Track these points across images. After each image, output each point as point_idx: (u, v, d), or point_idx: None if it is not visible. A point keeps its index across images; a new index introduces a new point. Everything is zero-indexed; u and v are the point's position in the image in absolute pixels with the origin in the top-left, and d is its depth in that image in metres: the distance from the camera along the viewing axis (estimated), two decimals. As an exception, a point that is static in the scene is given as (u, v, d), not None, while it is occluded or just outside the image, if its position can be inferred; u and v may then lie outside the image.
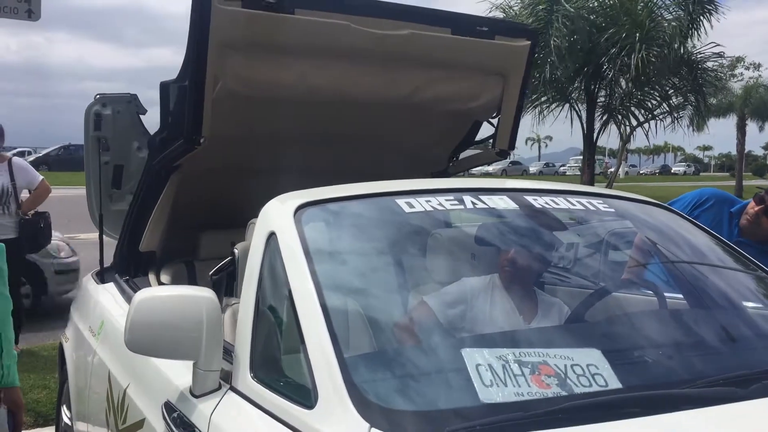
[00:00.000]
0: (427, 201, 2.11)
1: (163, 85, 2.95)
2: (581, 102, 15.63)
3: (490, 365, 1.54)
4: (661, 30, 14.30)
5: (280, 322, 1.80)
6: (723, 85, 18.20)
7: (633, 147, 30.18)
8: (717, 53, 15.26)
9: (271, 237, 1.94)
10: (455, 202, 2.15)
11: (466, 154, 3.94)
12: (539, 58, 13.02)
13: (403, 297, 2.12)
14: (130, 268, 3.30)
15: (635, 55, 13.51)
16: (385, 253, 2.11)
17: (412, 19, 3.04)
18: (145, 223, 3.19)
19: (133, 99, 3.77)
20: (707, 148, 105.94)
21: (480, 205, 2.15)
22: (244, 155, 3.18)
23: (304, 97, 3.00)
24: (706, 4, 14.69)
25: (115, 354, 2.60)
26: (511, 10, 15.17)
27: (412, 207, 2.07)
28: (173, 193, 3.11)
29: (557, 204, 2.24)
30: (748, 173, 48.38)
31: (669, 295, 2.31)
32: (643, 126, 16.10)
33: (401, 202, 2.08)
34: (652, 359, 1.73)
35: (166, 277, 3.30)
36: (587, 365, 1.57)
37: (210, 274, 2.64)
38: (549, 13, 14.35)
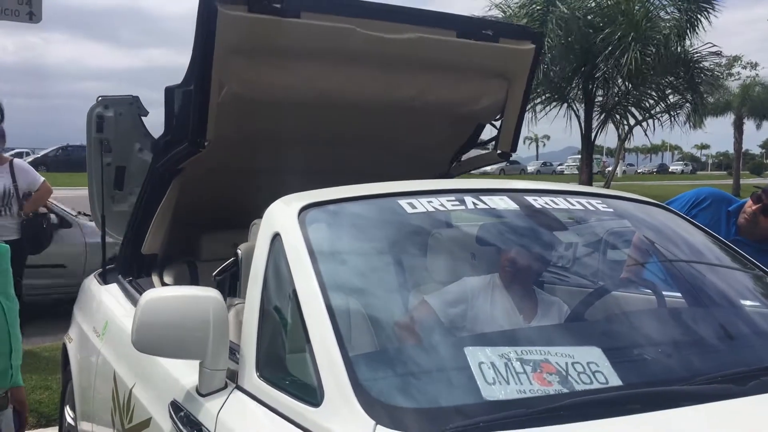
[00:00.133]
0: (429, 202, 2.13)
1: (168, 90, 2.96)
2: (579, 101, 15.67)
3: (492, 363, 1.57)
4: (657, 30, 14.34)
5: (285, 322, 1.83)
6: (720, 84, 18.24)
7: (630, 146, 30.17)
8: (714, 52, 15.32)
9: (276, 238, 1.96)
10: (456, 203, 2.18)
11: (468, 156, 3.95)
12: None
13: (406, 297, 2.14)
14: (133, 269, 3.32)
15: (629, 53, 13.57)
16: (388, 254, 2.14)
17: (418, 22, 3.03)
18: (148, 225, 3.21)
19: (134, 101, 3.79)
20: (705, 146, 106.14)
21: (481, 205, 2.18)
22: (246, 157, 3.20)
23: (308, 100, 3.01)
24: (702, 2, 14.74)
25: (121, 354, 2.63)
26: (509, 9, 15.22)
27: (414, 208, 2.09)
28: (175, 195, 3.12)
29: (557, 204, 2.27)
30: (746, 172, 48.42)
31: (667, 293, 2.34)
32: (641, 125, 16.15)
33: (403, 203, 2.11)
34: (651, 357, 1.76)
35: (168, 278, 3.32)
36: (588, 363, 1.60)
37: (213, 274, 2.66)
38: (545, 14, 14.40)
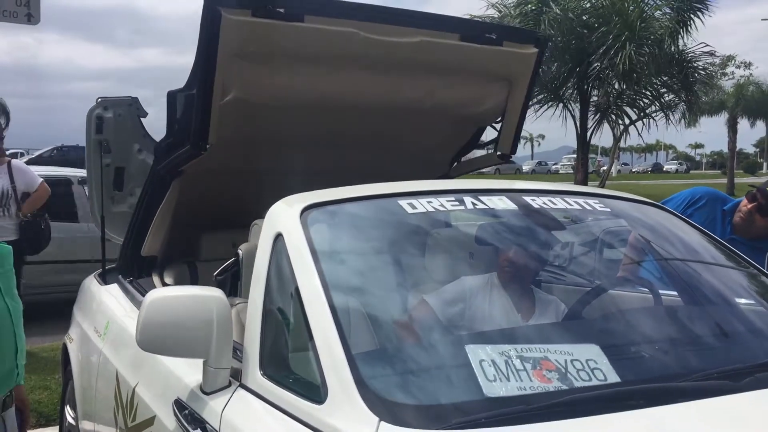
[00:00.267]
0: (429, 202, 2.16)
1: (170, 94, 2.97)
2: (574, 101, 15.72)
3: (493, 361, 1.60)
4: (652, 30, 14.40)
5: (288, 321, 1.85)
6: (714, 83, 18.32)
7: (625, 145, 30.27)
8: (707, 52, 15.40)
9: (278, 238, 1.99)
10: (456, 203, 2.20)
11: (468, 157, 3.98)
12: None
13: (408, 296, 2.17)
14: (133, 270, 3.34)
15: (624, 53, 13.62)
16: (389, 253, 2.17)
17: (421, 25, 3.03)
18: (148, 227, 3.23)
19: (134, 102, 3.81)
20: (699, 146, 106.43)
21: (480, 205, 2.20)
22: (248, 158, 3.21)
23: (310, 102, 3.02)
24: (695, 2, 14.81)
25: (123, 353, 2.65)
26: (504, 8, 15.26)
27: (415, 208, 2.12)
28: (175, 197, 3.14)
29: (554, 204, 2.29)
30: (740, 171, 48.59)
31: (663, 292, 2.38)
32: (635, 124, 16.22)
33: (404, 203, 2.13)
34: (648, 354, 1.79)
35: (169, 278, 3.34)
36: (586, 360, 1.63)
37: (215, 274, 2.69)
38: (538, 14, 14.46)
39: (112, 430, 2.55)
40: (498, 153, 3.71)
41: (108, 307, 3.16)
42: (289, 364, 1.80)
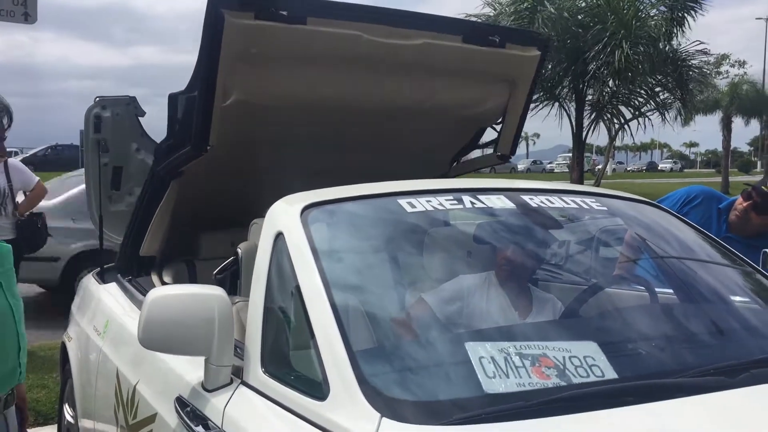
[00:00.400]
0: (428, 201, 2.18)
1: (172, 97, 2.96)
2: (570, 100, 15.78)
3: (492, 358, 1.62)
4: (647, 28, 14.47)
5: (290, 319, 1.87)
6: (708, 82, 18.40)
7: (620, 144, 30.32)
8: (701, 50, 15.48)
9: (279, 237, 2.00)
10: (454, 202, 2.22)
11: (467, 157, 3.99)
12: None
13: (407, 294, 2.19)
14: (132, 269, 3.35)
15: (620, 51, 13.68)
16: (388, 252, 2.18)
17: (424, 27, 3.02)
18: (147, 227, 3.23)
19: (131, 101, 3.82)
20: (693, 144, 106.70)
21: (478, 204, 2.22)
22: (247, 159, 3.19)
23: (312, 104, 3.02)
24: (688, 1, 14.89)
25: (123, 352, 2.67)
26: (499, 6, 15.31)
27: (414, 207, 2.14)
28: (174, 198, 3.13)
29: (552, 203, 2.32)
30: (734, 169, 48.76)
31: (659, 290, 2.40)
32: (629, 124, 16.28)
33: (403, 202, 2.15)
34: (645, 351, 1.81)
35: (167, 277, 3.35)
36: (584, 357, 1.65)
37: (214, 273, 2.70)
38: (532, 12, 14.52)
39: (113, 428, 2.56)
40: (497, 153, 3.73)
41: (107, 305, 3.17)
42: (290, 362, 1.82)
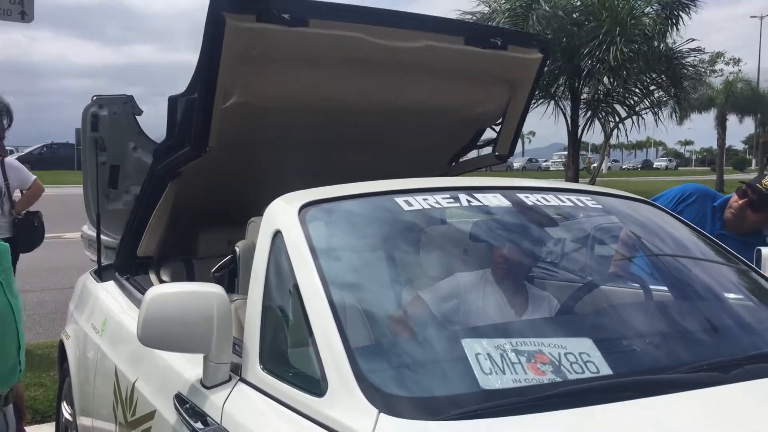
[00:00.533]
0: (425, 199, 2.19)
1: (172, 99, 2.96)
2: (565, 98, 15.82)
3: (488, 354, 1.64)
4: (641, 26, 14.53)
5: (288, 317, 1.89)
6: (702, 80, 18.46)
7: (615, 142, 30.38)
8: (694, 48, 15.54)
9: (277, 235, 2.02)
10: (451, 200, 2.24)
11: (466, 157, 4.00)
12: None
13: (404, 291, 2.21)
14: (130, 267, 3.36)
15: (614, 48, 13.73)
16: (385, 250, 2.20)
17: (426, 29, 3.00)
18: (145, 227, 3.24)
19: (129, 100, 3.83)
20: (688, 142, 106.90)
21: (475, 202, 2.24)
22: (246, 159, 3.20)
23: (312, 105, 3.01)
24: (682, -1, 14.97)
25: (121, 349, 2.68)
26: (494, 2, 15.34)
27: (411, 205, 2.15)
28: (171, 198, 3.13)
29: (547, 201, 2.33)
30: (729, 167, 48.89)
31: (654, 287, 2.42)
32: (624, 123, 16.33)
33: (400, 200, 2.17)
34: (639, 347, 1.83)
35: (165, 276, 3.36)
36: (579, 353, 1.67)
37: (212, 271, 2.72)
38: (527, 10, 14.56)
39: (112, 426, 2.58)
40: (496, 153, 3.74)
41: (105, 304, 3.18)
42: (288, 359, 1.83)
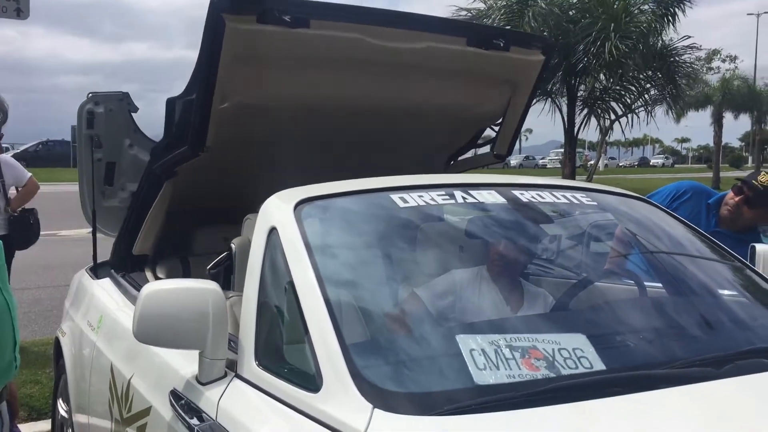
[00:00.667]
0: (420, 196, 2.20)
1: (170, 101, 2.95)
2: (562, 96, 15.84)
3: (483, 350, 1.64)
4: (636, 22, 14.57)
5: (283, 313, 1.89)
6: (697, 77, 18.50)
7: (612, 140, 30.45)
8: (689, 45, 15.59)
9: (272, 232, 2.02)
10: (446, 197, 2.24)
11: (464, 156, 4.00)
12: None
13: (400, 288, 2.21)
14: (126, 265, 3.36)
15: (609, 44, 13.78)
16: (381, 247, 2.20)
17: (428, 29, 2.98)
18: (141, 225, 3.24)
19: (125, 97, 3.82)
20: (685, 140, 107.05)
21: (470, 199, 2.25)
22: (244, 159, 3.19)
23: (312, 105, 3.00)
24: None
25: (117, 346, 2.68)
26: (490, 0, 15.34)
27: (406, 202, 2.16)
28: (167, 199, 3.13)
29: (543, 198, 2.34)
30: (725, 165, 48.99)
31: (649, 284, 2.44)
32: (620, 120, 16.37)
33: (395, 197, 2.17)
34: (633, 343, 1.84)
35: (161, 273, 3.37)
36: (573, 349, 1.68)
37: (208, 268, 2.72)
38: (523, 6, 14.58)
39: (107, 422, 2.58)
40: (494, 153, 3.74)
41: (101, 301, 3.18)
42: (283, 355, 1.84)
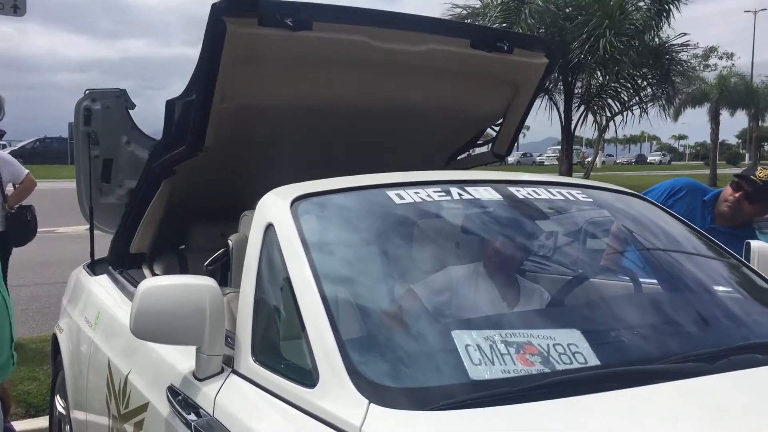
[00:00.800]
0: (416, 192, 2.20)
1: (169, 103, 2.94)
2: (559, 93, 15.86)
3: (478, 345, 1.66)
4: (631, 19, 14.61)
5: (280, 309, 1.90)
6: (692, 75, 18.52)
7: (609, 137, 30.47)
8: (683, 43, 15.62)
9: (269, 228, 2.03)
10: (442, 194, 2.25)
11: (463, 155, 4.00)
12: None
13: (396, 284, 2.22)
14: (123, 261, 3.37)
15: (603, 40, 13.81)
16: (377, 243, 2.21)
17: (431, 31, 2.96)
18: (138, 224, 3.24)
19: (122, 94, 3.82)
20: (682, 137, 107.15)
21: (465, 196, 2.25)
22: (242, 158, 3.19)
23: (312, 106, 2.99)
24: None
25: (114, 342, 2.69)
26: None
27: (402, 198, 2.17)
28: (165, 198, 3.12)
29: (538, 194, 2.35)
30: (722, 162, 49.05)
31: (644, 280, 2.45)
32: (614, 120, 16.42)
33: (392, 194, 2.18)
34: (627, 339, 1.85)
35: (158, 269, 3.37)
36: (568, 344, 1.69)
37: (205, 264, 2.73)
38: (520, 4, 14.60)
39: (105, 419, 2.59)
40: (493, 152, 3.74)
41: (98, 297, 3.19)
42: (280, 351, 1.85)
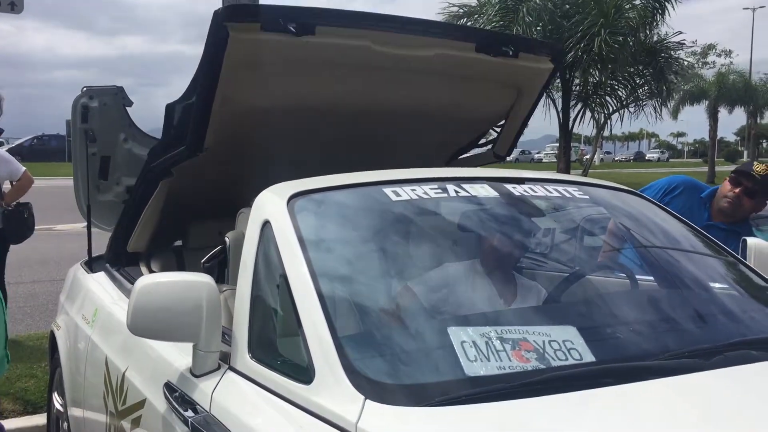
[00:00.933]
0: (413, 190, 2.21)
1: (169, 106, 2.94)
2: (556, 91, 15.88)
3: (474, 342, 1.66)
4: (626, 18, 14.65)
5: (276, 306, 1.90)
6: (688, 73, 18.56)
7: (608, 134, 30.51)
8: (679, 42, 15.65)
9: (266, 225, 2.03)
10: (439, 191, 2.25)
11: (463, 156, 4.01)
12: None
13: (392, 281, 2.22)
14: (121, 259, 3.37)
15: (599, 38, 13.85)
16: (374, 240, 2.21)
17: (436, 35, 2.95)
18: (136, 223, 3.24)
19: (119, 91, 3.82)
20: (681, 134, 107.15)
21: (462, 193, 2.26)
22: (241, 158, 3.18)
23: (313, 108, 2.98)
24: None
25: (111, 339, 2.69)
26: None
27: (399, 196, 2.17)
28: (163, 198, 3.12)
29: (535, 192, 2.35)
30: (721, 159, 49.10)
31: (640, 277, 2.45)
32: (611, 117, 16.45)
33: (388, 191, 2.18)
34: (623, 335, 1.86)
35: (156, 267, 3.37)
36: (563, 341, 1.70)
37: (202, 261, 2.73)
38: (518, 2, 14.61)
39: (102, 415, 2.59)
40: (494, 152, 3.74)
41: (96, 294, 3.19)
42: (277, 348, 1.85)
